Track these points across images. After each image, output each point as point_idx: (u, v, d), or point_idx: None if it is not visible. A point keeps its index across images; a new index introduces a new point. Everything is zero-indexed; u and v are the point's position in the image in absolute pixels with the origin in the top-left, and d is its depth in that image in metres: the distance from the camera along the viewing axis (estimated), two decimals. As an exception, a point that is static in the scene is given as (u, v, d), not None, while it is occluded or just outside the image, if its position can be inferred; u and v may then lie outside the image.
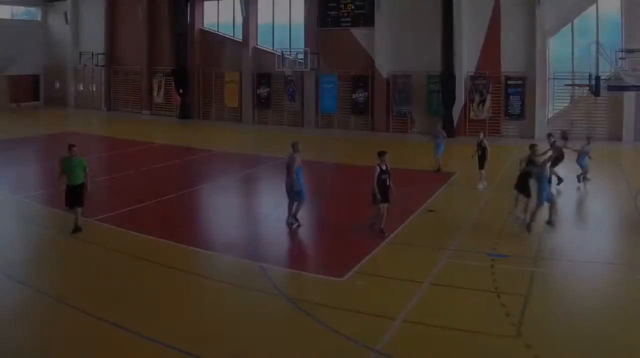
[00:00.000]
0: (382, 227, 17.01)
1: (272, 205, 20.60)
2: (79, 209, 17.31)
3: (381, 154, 17.09)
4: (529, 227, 17.01)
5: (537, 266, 14.60)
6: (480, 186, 22.87)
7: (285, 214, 18.34)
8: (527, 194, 17.59)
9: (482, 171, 23.08)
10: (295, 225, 18.21)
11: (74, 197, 17.24)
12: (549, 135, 23.14)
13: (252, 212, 21.39)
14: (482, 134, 24.04)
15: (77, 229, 17.18)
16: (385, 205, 16.90)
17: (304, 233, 18.46)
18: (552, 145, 21.81)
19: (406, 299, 12.47)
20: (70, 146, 17.69)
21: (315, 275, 14.40)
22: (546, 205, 17.16)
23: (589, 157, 22.85)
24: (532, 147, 18.04)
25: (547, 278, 14.10)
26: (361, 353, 10.33)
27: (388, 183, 16.92)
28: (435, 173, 25.82)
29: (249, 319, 11.91)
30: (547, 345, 10.48)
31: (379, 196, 16.72)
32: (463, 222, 18.61)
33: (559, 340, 10.74)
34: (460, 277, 14.02)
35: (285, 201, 18.29)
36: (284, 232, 18.23)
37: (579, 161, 22.81)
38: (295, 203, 18.15)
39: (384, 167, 16.95)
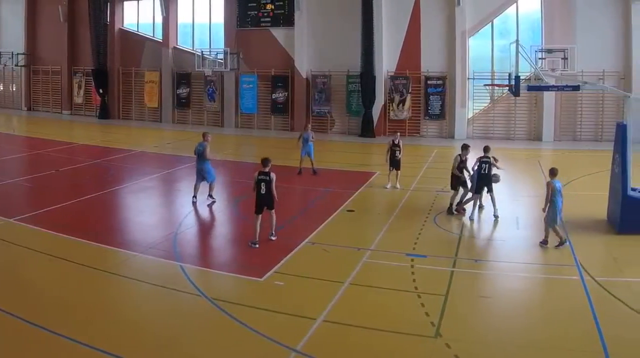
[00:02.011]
0: (271, 232, 16.49)
1: (191, 206, 20.48)
2: None
3: (263, 161, 16.35)
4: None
5: (456, 266, 14.77)
6: (399, 186, 23.13)
7: (204, 211, 18.64)
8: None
9: (399, 171, 23.32)
10: (212, 202, 20.60)
11: None
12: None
13: (172, 212, 21.06)
14: (398, 134, 24.25)
15: None
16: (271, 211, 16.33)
17: (224, 233, 18.63)
18: None
19: (326, 299, 12.47)
20: None
21: (236, 275, 14.28)
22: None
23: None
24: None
25: (466, 278, 14.23)
26: (282, 353, 10.28)
27: (264, 191, 16.06)
28: (300, 173, 25.64)
29: (169, 319, 11.78)
30: (467, 345, 10.62)
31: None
32: (382, 222, 18.72)
33: (478, 340, 10.93)
34: (380, 277, 14.13)
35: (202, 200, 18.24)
36: (204, 233, 18.29)
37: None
38: (209, 183, 20.67)
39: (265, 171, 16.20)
